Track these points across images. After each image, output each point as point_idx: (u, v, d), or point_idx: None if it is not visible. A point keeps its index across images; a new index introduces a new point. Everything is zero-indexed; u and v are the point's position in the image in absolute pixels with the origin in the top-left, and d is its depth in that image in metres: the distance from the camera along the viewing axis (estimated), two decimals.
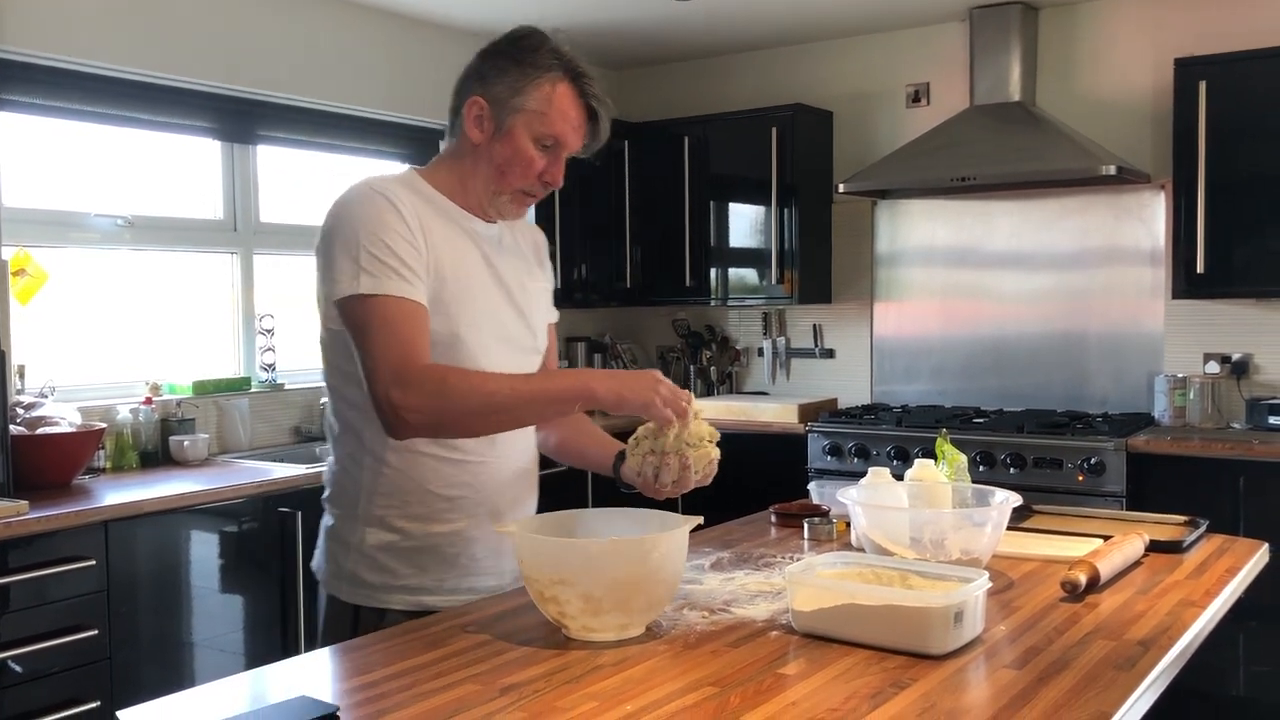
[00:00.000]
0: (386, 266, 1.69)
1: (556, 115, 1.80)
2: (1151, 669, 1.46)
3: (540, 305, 2.00)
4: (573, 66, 1.82)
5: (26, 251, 3.44)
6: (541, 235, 2.08)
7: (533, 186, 1.84)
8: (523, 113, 1.79)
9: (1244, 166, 3.89)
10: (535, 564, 1.57)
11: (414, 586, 1.83)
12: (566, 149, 1.83)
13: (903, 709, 1.31)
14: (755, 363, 5.33)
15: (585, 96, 1.82)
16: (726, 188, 5.01)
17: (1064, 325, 4.54)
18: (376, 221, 1.71)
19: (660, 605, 1.62)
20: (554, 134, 1.80)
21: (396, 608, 1.82)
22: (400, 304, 1.69)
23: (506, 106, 1.79)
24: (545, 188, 1.86)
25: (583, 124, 1.83)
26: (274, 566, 3.37)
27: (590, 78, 1.83)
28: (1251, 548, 2.16)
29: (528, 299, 1.94)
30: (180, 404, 3.75)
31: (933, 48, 4.80)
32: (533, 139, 1.80)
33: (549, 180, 1.84)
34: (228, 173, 4.10)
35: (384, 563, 1.82)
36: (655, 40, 4.96)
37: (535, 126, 1.80)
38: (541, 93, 1.79)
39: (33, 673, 2.77)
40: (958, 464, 2.25)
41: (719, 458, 1.78)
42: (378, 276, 1.68)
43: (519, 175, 1.82)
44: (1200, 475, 3.72)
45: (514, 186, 1.84)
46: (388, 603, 1.82)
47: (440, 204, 1.84)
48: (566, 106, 1.81)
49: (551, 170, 1.83)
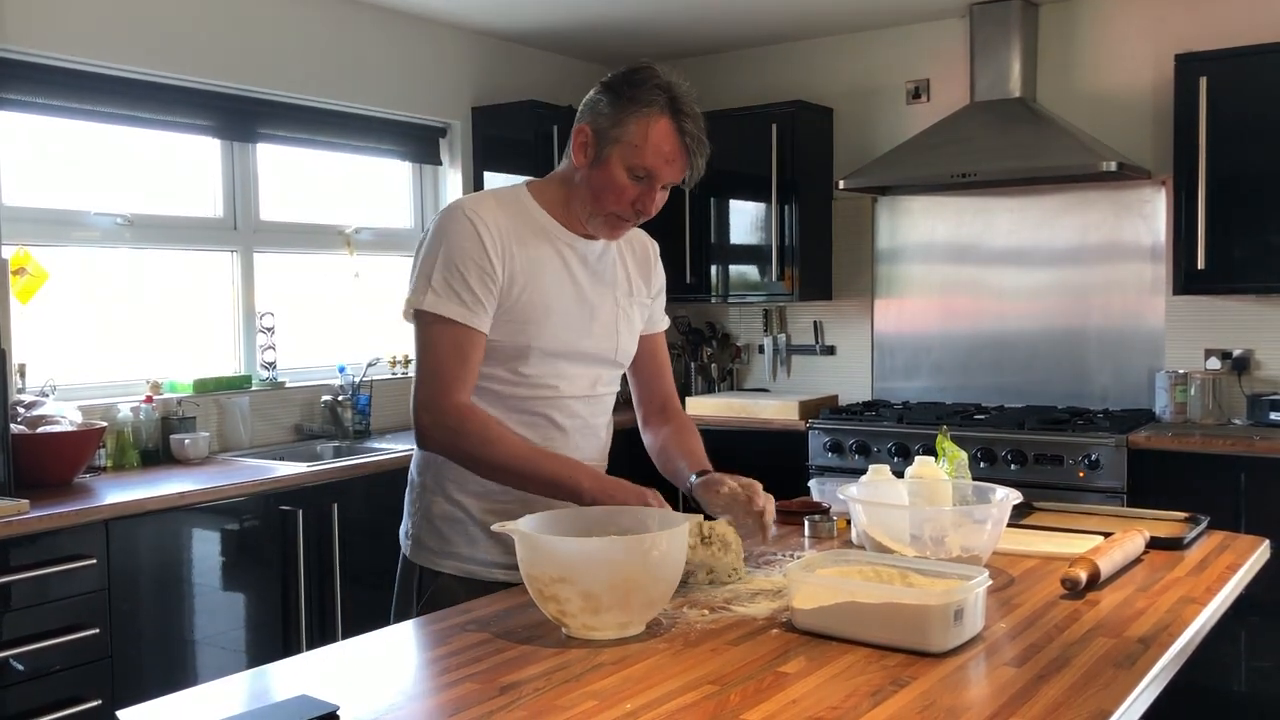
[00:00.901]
0: (452, 290, 1.87)
1: (650, 149, 1.88)
2: (1152, 666, 1.46)
3: (635, 320, 2.11)
4: (675, 103, 1.89)
5: (27, 250, 3.45)
6: (653, 244, 2.20)
7: (625, 212, 1.94)
8: (620, 144, 1.89)
9: (1245, 162, 3.89)
10: (535, 562, 1.57)
11: (465, 555, 1.98)
12: (660, 180, 1.92)
13: (903, 707, 1.31)
14: (756, 360, 5.33)
15: (682, 133, 1.89)
16: (727, 184, 5.01)
17: (1065, 321, 4.54)
18: (456, 246, 1.88)
19: (660, 603, 1.62)
20: (646, 166, 1.89)
21: (448, 572, 1.99)
22: (453, 330, 1.87)
23: (607, 137, 1.90)
24: (638, 215, 1.95)
25: (677, 157, 1.91)
26: (275, 565, 3.37)
27: (690, 115, 1.90)
28: (1252, 544, 2.16)
29: (618, 315, 2.05)
30: (181, 402, 3.75)
31: (933, 44, 4.79)
32: (626, 169, 1.89)
33: (640, 209, 1.94)
34: (228, 171, 4.10)
35: (443, 530, 1.99)
36: (655, 37, 4.95)
37: (630, 157, 1.89)
38: (639, 126, 1.88)
39: (34, 671, 2.77)
40: (958, 461, 2.25)
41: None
42: (442, 297, 1.87)
43: (611, 201, 1.92)
44: (1201, 471, 3.72)
45: (607, 210, 1.94)
46: (441, 566, 1.99)
47: (540, 220, 1.98)
48: (660, 141, 1.88)
49: (644, 200, 1.92)
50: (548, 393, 1.97)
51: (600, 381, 2.06)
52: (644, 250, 2.17)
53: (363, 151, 4.56)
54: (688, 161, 1.92)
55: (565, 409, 1.99)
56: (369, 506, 3.61)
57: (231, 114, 4.03)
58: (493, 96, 4.88)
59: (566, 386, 1.99)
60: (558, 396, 1.98)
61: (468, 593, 1.89)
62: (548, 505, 1.84)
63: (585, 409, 2.03)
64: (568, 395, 1.99)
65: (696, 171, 1.93)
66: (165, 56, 3.76)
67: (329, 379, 4.31)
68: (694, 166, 1.93)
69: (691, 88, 1.93)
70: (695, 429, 2.20)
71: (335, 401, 4.21)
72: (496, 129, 4.81)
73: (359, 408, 4.25)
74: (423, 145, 4.76)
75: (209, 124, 3.98)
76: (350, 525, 3.55)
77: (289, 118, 4.22)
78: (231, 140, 4.08)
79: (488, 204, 1.95)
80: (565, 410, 1.99)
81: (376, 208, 4.69)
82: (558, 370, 1.97)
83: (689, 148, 1.90)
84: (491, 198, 1.99)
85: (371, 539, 3.62)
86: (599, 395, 2.06)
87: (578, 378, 2.00)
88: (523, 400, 1.96)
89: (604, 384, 2.07)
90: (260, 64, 4.06)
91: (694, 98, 1.92)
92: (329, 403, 4.21)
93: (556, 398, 1.98)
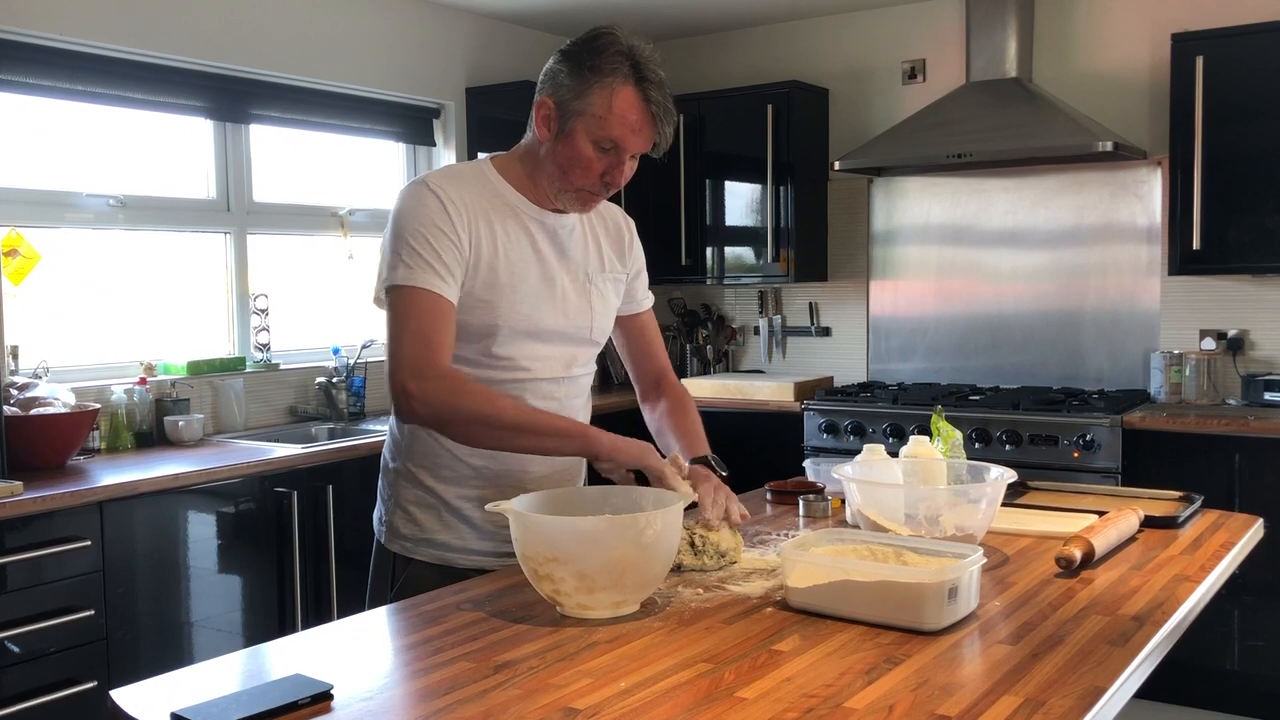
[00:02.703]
0: (422, 259, 1.80)
1: (615, 119, 1.82)
2: (1145, 644, 1.46)
3: (609, 297, 2.05)
4: (638, 70, 1.82)
5: (19, 232, 3.43)
6: (627, 221, 2.13)
7: (594, 186, 1.88)
8: (583, 116, 1.82)
9: (1241, 143, 3.88)
10: (529, 542, 1.57)
11: (439, 543, 1.95)
12: (628, 151, 1.85)
13: (897, 684, 1.31)
14: (751, 341, 5.33)
15: (647, 101, 1.82)
16: (722, 166, 4.99)
17: (1060, 302, 4.54)
18: (422, 217, 1.82)
19: (654, 583, 1.61)
20: (612, 137, 1.83)
21: (421, 559, 1.95)
22: (428, 297, 1.80)
23: (570, 109, 1.83)
24: (607, 188, 1.89)
25: (644, 127, 1.84)
26: (270, 546, 3.37)
27: (654, 82, 1.83)
28: (1246, 523, 2.16)
29: (591, 292, 2.00)
30: (175, 384, 3.75)
31: (929, 24, 4.77)
32: (592, 141, 1.83)
33: (610, 181, 1.88)
34: (220, 152, 4.08)
35: (416, 517, 1.96)
36: (650, 16, 4.93)
37: (595, 130, 1.82)
38: (602, 97, 1.81)
39: (30, 653, 2.77)
40: (953, 441, 2.25)
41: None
42: (413, 268, 1.80)
43: (579, 175, 1.86)
44: (1196, 451, 3.73)
45: (575, 185, 1.88)
46: (415, 554, 1.96)
47: (506, 196, 1.91)
48: (626, 110, 1.82)
49: (612, 172, 1.86)
50: (521, 374, 1.91)
51: (576, 362, 2.00)
52: (617, 227, 2.10)
53: (356, 133, 4.54)
54: (655, 129, 1.85)
55: (539, 391, 1.94)
56: (363, 488, 3.61)
57: (224, 95, 4.00)
58: (487, 77, 4.86)
59: (540, 368, 1.93)
60: (531, 379, 1.92)
61: (442, 580, 1.85)
62: (520, 490, 1.82)
63: (560, 391, 1.97)
64: (541, 377, 1.94)
65: (665, 139, 1.87)
66: (157, 37, 3.74)
67: (323, 361, 4.31)
68: (662, 134, 1.86)
69: (655, 52, 1.85)
70: (692, 403, 2.16)
71: (329, 383, 4.20)
72: (490, 110, 4.79)
73: (353, 390, 4.24)
74: (416, 126, 4.74)
75: (201, 105, 3.95)
76: (344, 507, 3.54)
77: (282, 98, 4.20)
78: (224, 121, 4.06)
79: (451, 179, 1.89)
80: (539, 393, 1.93)
81: (370, 189, 4.67)
82: (529, 351, 1.91)
83: (655, 115, 1.83)
84: (455, 173, 1.92)
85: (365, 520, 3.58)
86: (574, 377, 2.01)
87: (551, 359, 1.94)
88: (495, 383, 1.88)
89: (579, 365, 2.01)
90: (253, 44, 4.03)
91: (657, 61, 1.84)
92: (323, 385, 4.20)
93: (530, 380, 1.92)
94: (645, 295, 2.18)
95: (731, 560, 1.81)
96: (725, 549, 1.81)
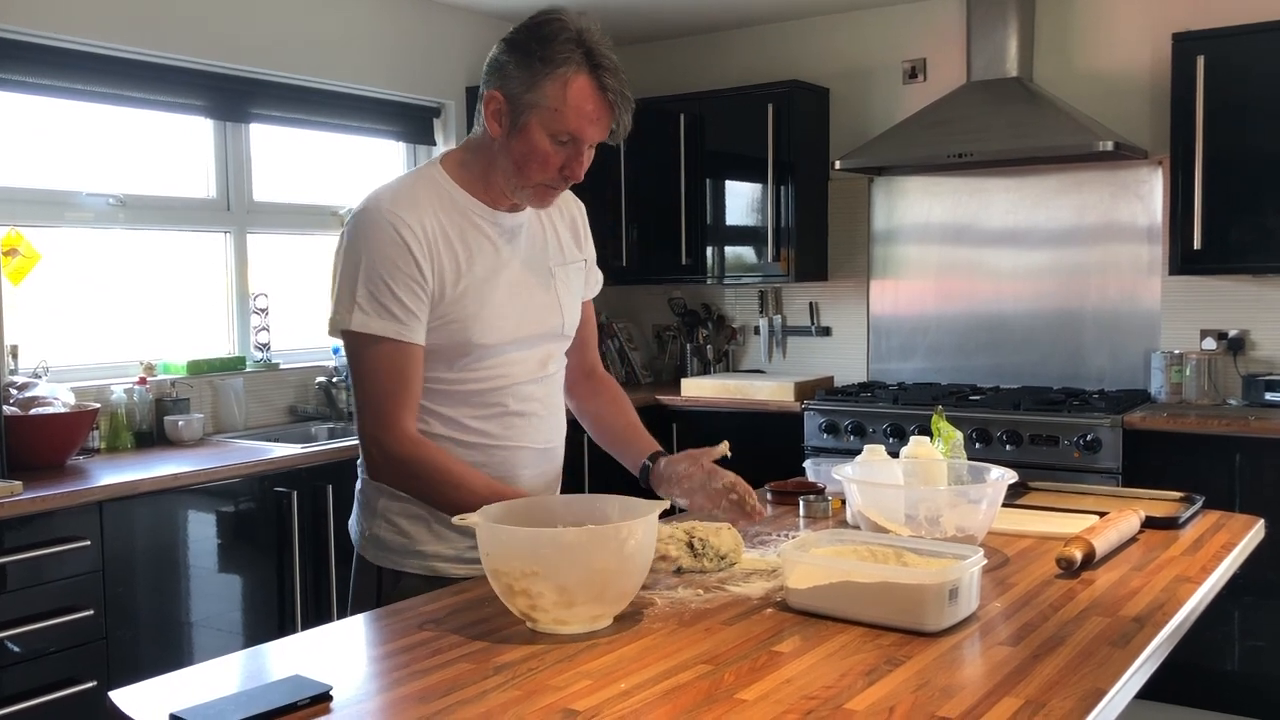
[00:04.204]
0: (381, 306, 1.74)
1: (571, 111, 1.74)
2: (1146, 645, 1.46)
3: (574, 285, 2.00)
4: (591, 57, 1.74)
5: (19, 231, 3.43)
6: (579, 207, 2.07)
7: (553, 180, 1.82)
8: (537, 109, 1.75)
9: (1242, 142, 3.87)
10: (504, 556, 1.49)
11: (429, 554, 1.88)
12: (586, 142, 1.79)
13: (897, 686, 1.31)
14: (751, 341, 5.32)
15: (603, 89, 1.75)
16: (722, 165, 4.99)
17: (1060, 302, 4.54)
18: (380, 255, 1.75)
19: (631, 595, 1.56)
20: (569, 130, 1.76)
21: (412, 571, 1.88)
22: (388, 349, 1.75)
23: (522, 102, 1.75)
24: (565, 181, 1.83)
25: (601, 116, 1.77)
26: (270, 546, 3.37)
27: (609, 68, 1.76)
28: (1247, 523, 2.16)
29: (556, 287, 1.95)
30: (175, 384, 3.74)
31: (929, 23, 4.77)
32: (549, 135, 1.76)
33: (569, 175, 1.81)
34: (220, 151, 4.07)
35: (402, 527, 1.88)
36: (650, 16, 4.92)
37: (551, 123, 1.75)
38: (555, 88, 1.73)
39: (29, 653, 2.77)
40: (953, 441, 2.25)
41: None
42: (370, 315, 1.74)
43: (537, 171, 1.79)
44: (1196, 452, 3.72)
45: (533, 181, 1.81)
46: (404, 566, 1.88)
47: (462, 203, 1.85)
48: (582, 101, 1.74)
49: (571, 165, 1.80)
50: (500, 382, 1.87)
51: (551, 359, 1.96)
52: (569, 211, 2.03)
53: (356, 132, 4.54)
54: (613, 117, 1.78)
55: (519, 394, 1.90)
56: None
57: (224, 94, 4.00)
58: None
59: (517, 372, 1.89)
60: (510, 384, 1.88)
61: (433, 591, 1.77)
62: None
63: (540, 390, 1.94)
64: (520, 381, 1.90)
65: (623, 127, 1.80)
66: (157, 36, 3.73)
67: (323, 360, 4.30)
68: (619, 122, 1.79)
69: (604, 34, 1.77)
70: (626, 396, 2.11)
71: (329, 383, 4.20)
72: None
73: None
74: (417, 125, 4.73)
75: (201, 104, 3.95)
76: (344, 507, 3.51)
77: (282, 97, 4.20)
78: (224, 120, 4.05)
79: (407, 200, 1.81)
80: (519, 395, 1.90)
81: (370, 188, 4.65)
82: (505, 358, 1.87)
83: (613, 103, 1.76)
84: (409, 190, 1.84)
85: None
86: (551, 374, 1.97)
87: (526, 361, 1.90)
88: (474, 394, 1.86)
89: (555, 362, 1.98)
90: (253, 43, 4.03)
91: (609, 44, 1.76)
92: (323, 384, 4.20)
93: (509, 385, 1.88)
94: (595, 282, 2.09)
95: (731, 562, 1.80)
96: (725, 551, 1.80)
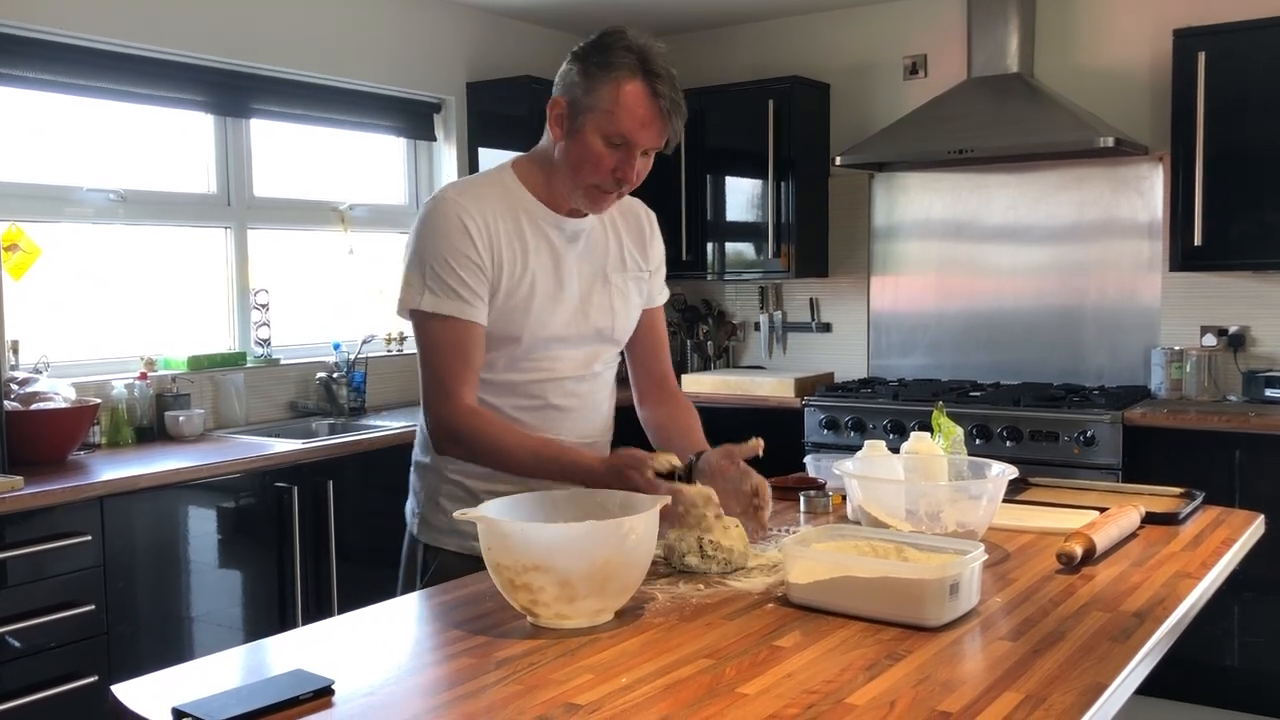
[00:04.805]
0: (446, 286, 1.86)
1: (623, 113, 1.82)
2: (1146, 640, 1.46)
3: (631, 295, 2.07)
4: (645, 64, 1.83)
5: (19, 227, 3.43)
6: (648, 214, 2.15)
7: (606, 183, 1.89)
8: (593, 112, 1.84)
9: (1242, 138, 3.87)
10: (506, 550, 1.50)
11: (467, 533, 1.91)
12: (638, 146, 1.86)
13: (898, 680, 1.31)
14: (752, 337, 5.32)
15: (655, 95, 1.83)
16: (723, 161, 4.99)
17: (1061, 298, 4.54)
18: (445, 242, 1.87)
19: (632, 589, 1.57)
20: (621, 132, 1.83)
21: (450, 549, 1.99)
22: (453, 327, 1.87)
23: (580, 106, 1.85)
24: (619, 184, 1.89)
25: (653, 121, 1.84)
26: (271, 541, 3.37)
27: (662, 76, 1.83)
28: (1247, 519, 2.16)
29: (612, 294, 2.02)
30: (175, 379, 3.74)
31: (930, 19, 4.77)
32: (602, 137, 1.84)
33: (621, 177, 1.88)
34: (221, 147, 4.07)
35: (446, 508, 1.99)
36: (651, 11, 4.92)
37: (604, 125, 1.84)
38: (610, 91, 1.83)
39: (31, 648, 2.77)
40: (954, 437, 2.25)
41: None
42: (438, 295, 1.86)
43: (590, 172, 1.87)
44: (1197, 448, 3.72)
45: (588, 183, 1.89)
46: (444, 543, 2.01)
47: (525, 204, 1.95)
48: (634, 104, 1.83)
49: (623, 168, 1.87)
50: (543, 375, 1.97)
51: (598, 360, 2.04)
52: (638, 222, 2.11)
53: (356, 127, 4.53)
54: (665, 124, 1.85)
55: (562, 390, 1.99)
56: (364, 483, 3.61)
57: (224, 89, 4.00)
58: (488, 72, 4.85)
59: (562, 368, 1.98)
60: (553, 379, 1.98)
61: (469, 569, 1.85)
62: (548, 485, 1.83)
63: (584, 388, 2.03)
64: (564, 376, 1.99)
65: (675, 134, 1.87)
66: (157, 31, 3.73)
67: (324, 356, 4.30)
68: (672, 129, 1.86)
69: (664, 49, 1.86)
70: (694, 409, 2.17)
71: (330, 379, 4.20)
72: (491, 104, 4.78)
73: (354, 385, 4.24)
74: (417, 121, 4.73)
75: (201, 99, 3.95)
76: (345, 502, 3.54)
77: (282, 93, 4.20)
78: (224, 116, 4.05)
79: (472, 194, 1.92)
80: (562, 391, 1.99)
81: (371, 184, 4.67)
82: (551, 354, 1.96)
83: (664, 109, 1.84)
84: (476, 186, 1.96)
85: (367, 515, 3.62)
86: (596, 374, 2.05)
87: (573, 359, 1.99)
88: (519, 385, 1.96)
89: (602, 362, 2.06)
90: (253, 39, 4.03)
91: (666, 58, 1.85)
92: (324, 380, 4.20)
93: (552, 380, 1.98)
94: (661, 290, 2.18)
95: (738, 565, 1.79)
96: (735, 556, 1.77)
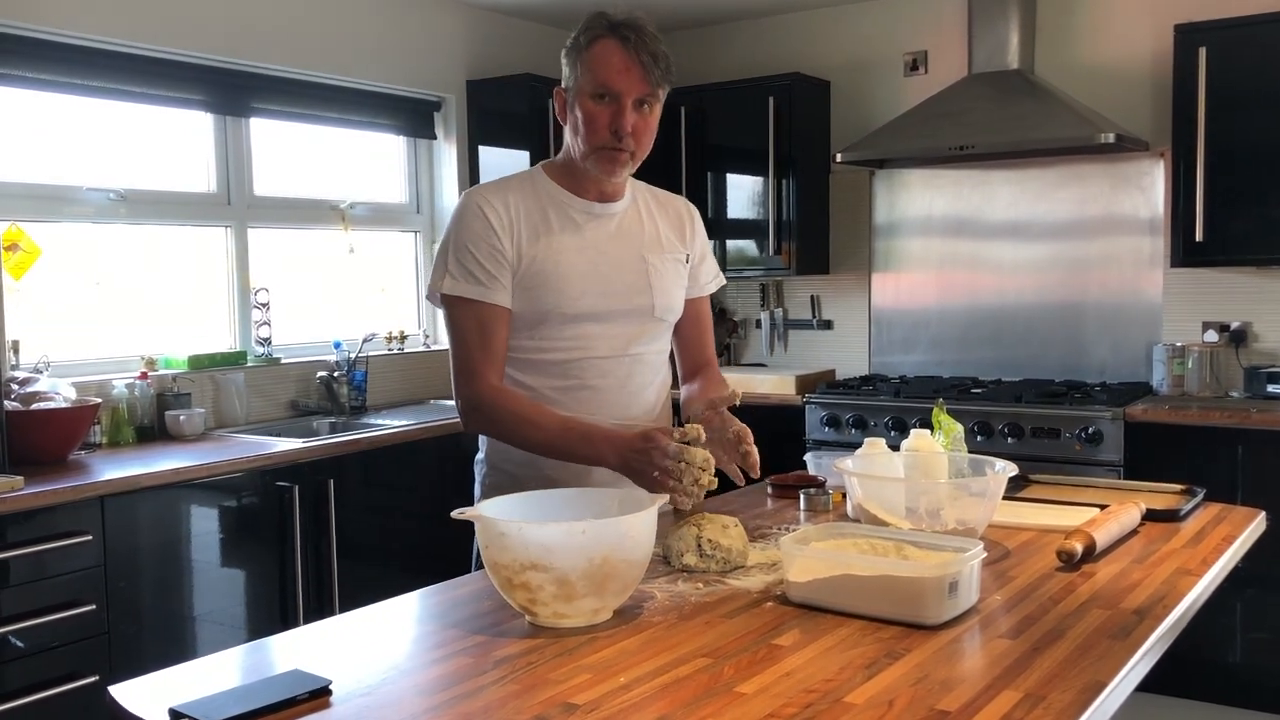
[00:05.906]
0: (467, 272, 1.97)
1: (599, 66, 1.92)
2: (1147, 638, 1.46)
3: (669, 274, 2.12)
4: (612, 21, 1.94)
5: (19, 226, 3.43)
6: (688, 207, 2.23)
7: (607, 141, 1.96)
8: (579, 81, 1.96)
9: (1244, 134, 3.86)
10: (504, 548, 1.49)
11: None
12: (624, 95, 1.93)
13: (897, 679, 1.31)
14: (753, 334, 5.32)
15: (625, 42, 1.92)
16: (723, 158, 4.98)
17: (1062, 295, 4.53)
18: (466, 230, 1.99)
19: (631, 589, 1.56)
20: (601, 82, 1.92)
21: None
22: (474, 309, 1.97)
23: (572, 85, 1.98)
24: (619, 139, 1.95)
25: (629, 67, 1.92)
26: (272, 541, 3.37)
27: (630, 26, 1.93)
28: (1249, 516, 2.16)
29: (648, 271, 2.08)
30: (176, 378, 3.74)
31: (931, 15, 4.76)
32: (590, 96, 1.95)
33: (617, 129, 1.94)
34: (221, 146, 4.07)
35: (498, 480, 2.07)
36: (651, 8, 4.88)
37: (587, 85, 1.94)
38: (586, 56, 1.95)
39: (32, 648, 2.77)
40: (955, 434, 2.24)
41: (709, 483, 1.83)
42: (458, 279, 1.97)
43: (590, 134, 1.96)
44: (1198, 444, 3.72)
45: (593, 145, 1.97)
46: None
47: (551, 192, 2.04)
48: (608, 55, 1.93)
49: (617, 120, 1.94)
50: (576, 354, 2.02)
51: (637, 340, 2.08)
52: (677, 213, 2.19)
53: (357, 126, 4.53)
54: (643, 70, 1.92)
55: (596, 369, 2.04)
56: (365, 482, 3.61)
57: (224, 88, 4.00)
58: (488, 70, 4.85)
59: (596, 347, 2.03)
60: (587, 358, 2.03)
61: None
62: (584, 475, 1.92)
63: (621, 368, 2.06)
64: (598, 355, 2.04)
65: (658, 75, 1.93)
66: (157, 30, 3.73)
67: (325, 355, 4.30)
68: (651, 71, 1.92)
69: (639, 13, 1.96)
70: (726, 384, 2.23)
71: (330, 377, 4.20)
72: (492, 103, 4.78)
73: (355, 383, 4.24)
74: (417, 119, 4.73)
75: (201, 98, 3.95)
76: (346, 501, 3.54)
77: (282, 92, 4.19)
78: (224, 115, 4.05)
79: (495, 187, 2.04)
80: (596, 370, 2.04)
81: (371, 182, 4.67)
82: (583, 331, 2.02)
83: (638, 55, 1.92)
84: (502, 182, 2.08)
85: (368, 514, 3.62)
86: (635, 354, 2.08)
87: (608, 338, 2.04)
88: (551, 364, 2.02)
89: (642, 343, 2.09)
90: (253, 37, 4.02)
91: (641, 18, 1.95)
92: (325, 379, 4.20)
93: (585, 359, 2.03)
94: (709, 280, 2.25)
95: (737, 564, 1.79)
96: (733, 556, 1.77)
